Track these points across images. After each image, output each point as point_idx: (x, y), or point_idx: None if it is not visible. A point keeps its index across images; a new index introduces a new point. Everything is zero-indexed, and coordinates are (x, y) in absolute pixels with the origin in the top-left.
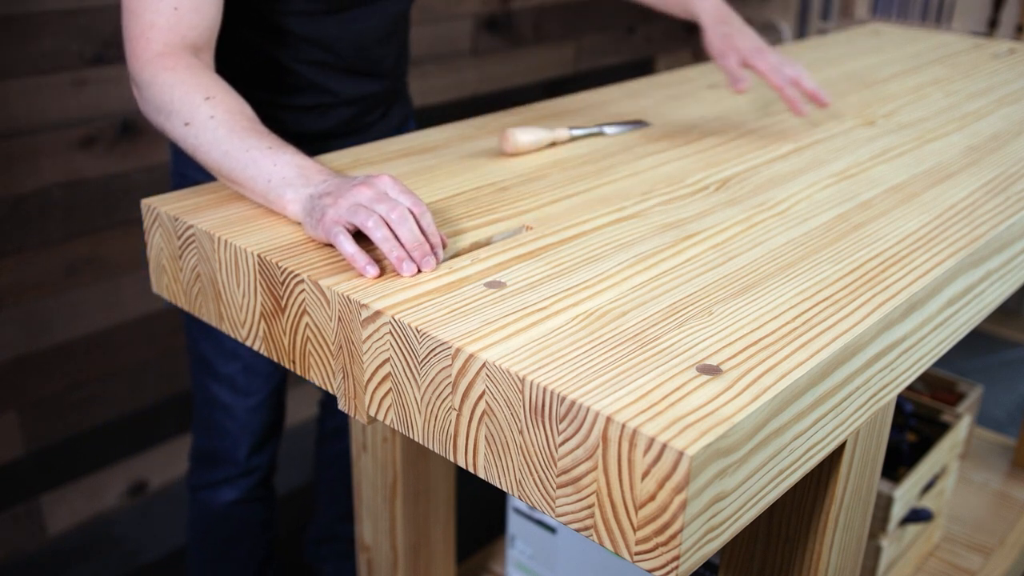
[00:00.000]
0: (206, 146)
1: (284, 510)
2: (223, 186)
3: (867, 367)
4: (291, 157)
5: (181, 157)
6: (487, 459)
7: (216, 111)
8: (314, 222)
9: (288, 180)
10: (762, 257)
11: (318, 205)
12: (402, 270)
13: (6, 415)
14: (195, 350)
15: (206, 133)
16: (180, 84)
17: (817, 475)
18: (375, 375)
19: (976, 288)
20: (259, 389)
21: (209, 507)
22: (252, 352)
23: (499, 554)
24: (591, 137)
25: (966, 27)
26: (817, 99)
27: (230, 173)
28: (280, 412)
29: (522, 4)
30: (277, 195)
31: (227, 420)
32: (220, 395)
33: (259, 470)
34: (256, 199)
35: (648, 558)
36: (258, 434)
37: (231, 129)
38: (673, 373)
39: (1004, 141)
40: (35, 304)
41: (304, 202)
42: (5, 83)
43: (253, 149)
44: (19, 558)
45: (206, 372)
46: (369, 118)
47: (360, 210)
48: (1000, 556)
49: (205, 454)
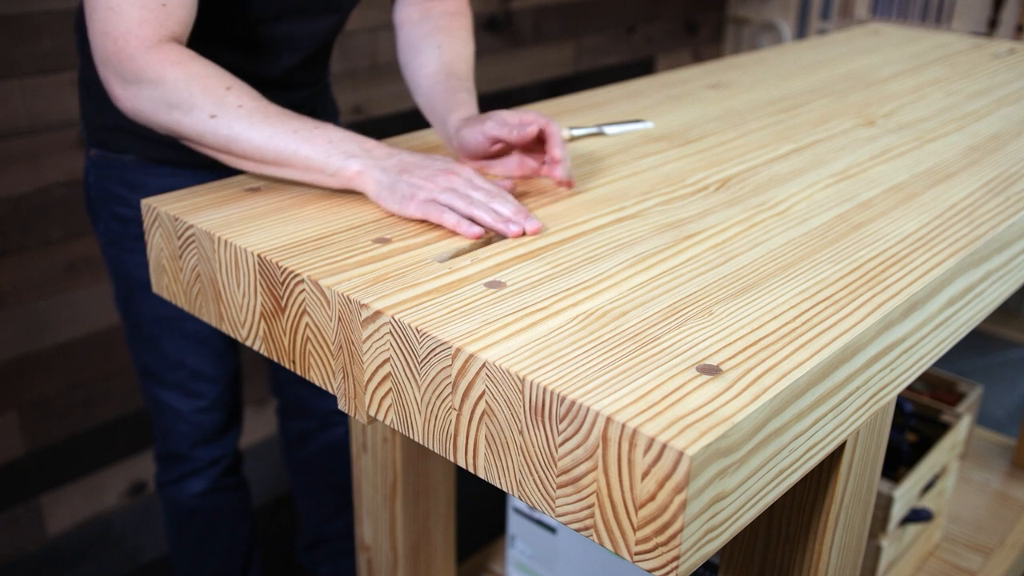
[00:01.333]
0: (243, 134)
1: (275, 515)
2: (223, 186)
3: (867, 367)
4: (345, 134)
5: (103, 170)
6: (487, 459)
7: (242, 100)
8: (401, 199)
9: (351, 152)
10: (762, 257)
11: (403, 182)
12: (509, 232)
13: (6, 415)
14: (139, 362)
15: (239, 122)
16: (197, 78)
17: (817, 475)
18: (375, 375)
19: (976, 288)
20: (208, 392)
21: (179, 501)
22: (197, 358)
23: (499, 554)
24: (591, 137)
25: (966, 27)
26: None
27: (279, 156)
28: (236, 408)
29: (522, 4)
30: (340, 167)
31: (180, 424)
32: (171, 401)
33: (223, 460)
34: (307, 177)
35: (648, 558)
36: (213, 432)
37: (265, 115)
38: (673, 373)
39: (1004, 141)
40: (35, 304)
41: (379, 175)
42: (5, 83)
43: (300, 131)
44: (19, 558)
45: (153, 382)
46: None
47: (455, 195)
48: (1000, 556)
49: (167, 454)
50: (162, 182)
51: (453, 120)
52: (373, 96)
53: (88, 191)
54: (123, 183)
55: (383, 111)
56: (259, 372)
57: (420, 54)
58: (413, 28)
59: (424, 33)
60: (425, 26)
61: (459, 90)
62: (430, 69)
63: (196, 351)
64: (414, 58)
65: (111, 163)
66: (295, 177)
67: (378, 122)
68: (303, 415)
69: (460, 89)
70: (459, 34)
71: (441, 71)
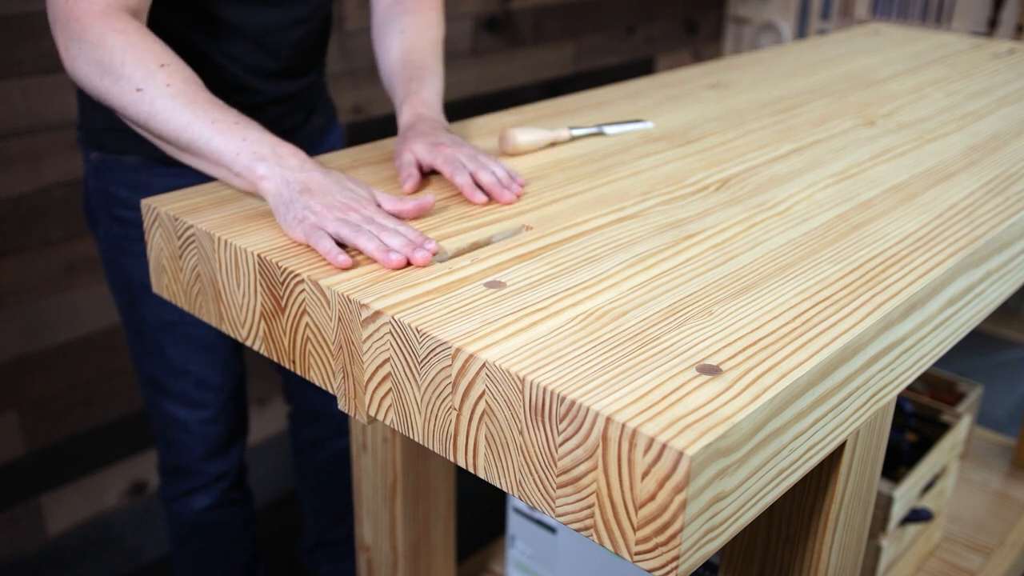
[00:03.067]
0: (163, 114)
1: (277, 515)
2: (223, 186)
3: (867, 367)
4: (261, 134)
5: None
6: (487, 459)
7: (172, 80)
8: (292, 220)
9: (261, 155)
10: (762, 257)
11: (300, 203)
12: (389, 262)
13: (6, 415)
14: (143, 371)
15: (163, 101)
16: (132, 48)
17: (817, 475)
18: (375, 375)
19: (976, 288)
20: (213, 401)
21: (183, 517)
22: (201, 366)
23: (499, 554)
24: (591, 137)
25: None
26: (493, 192)
27: (190, 144)
28: (240, 418)
29: (522, 4)
30: (247, 168)
31: (184, 435)
32: (174, 411)
33: (228, 475)
34: (216, 172)
35: (648, 558)
36: (218, 444)
37: (191, 100)
38: (673, 373)
39: (1004, 141)
40: (35, 304)
41: (280, 186)
42: (5, 83)
43: (219, 122)
44: (19, 558)
45: (156, 391)
46: (291, 120)
47: (344, 224)
48: (1000, 556)
49: (170, 468)
50: (165, 183)
51: (402, 116)
52: (373, 96)
53: (88, 196)
54: (124, 184)
55: (383, 111)
56: (260, 371)
57: (385, 38)
58: (384, 10)
59: (391, 16)
60: (394, 8)
61: (412, 79)
62: (392, 55)
63: (200, 357)
64: (380, 43)
65: (111, 165)
66: (206, 170)
67: (378, 122)
68: (317, 422)
69: (414, 78)
70: (426, 15)
71: (401, 58)
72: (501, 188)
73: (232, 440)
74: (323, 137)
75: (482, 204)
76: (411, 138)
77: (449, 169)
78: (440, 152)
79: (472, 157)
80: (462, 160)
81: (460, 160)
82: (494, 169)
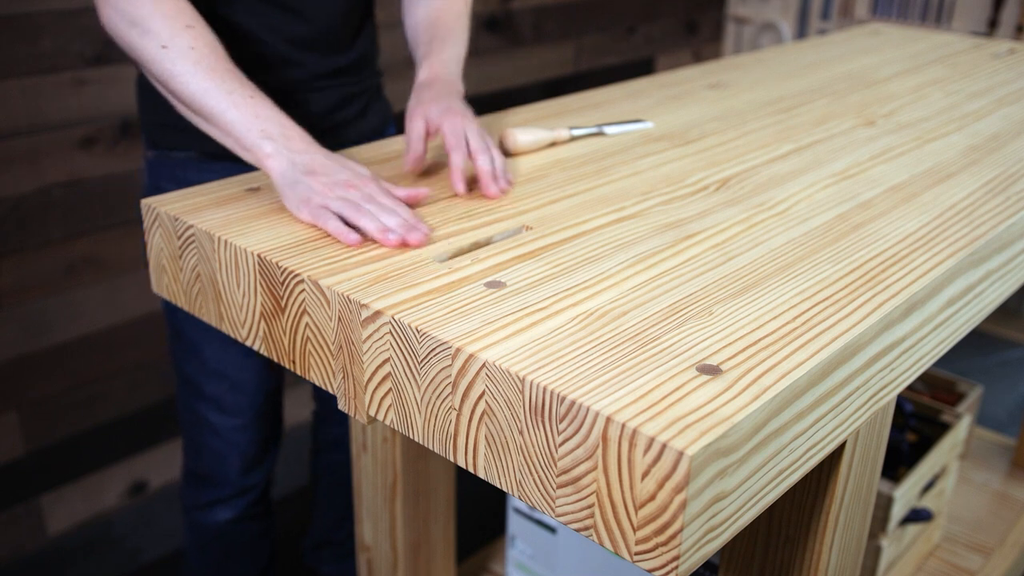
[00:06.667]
0: (183, 76)
1: (284, 512)
2: (223, 186)
3: (867, 367)
4: (274, 113)
5: (157, 170)
6: (487, 459)
7: (197, 43)
8: (297, 201)
9: (269, 133)
10: (762, 257)
11: (304, 184)
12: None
13: (6, 415)
14: (180, 371)
15: (184, 63)
16: (162, 4)
17: (817, 475)
18: (375, 375)
19: (976, 288)
20: (247, 408)
21: (204, 527)
22: (238, 371)
23: (499, 554)
24: (591, 137)
25: (966, 27)
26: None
27: (204, 109)
28: (274, 429)
29: (522, 4)
30: (255, 144)
31: (216, 441)
32: (208, 416)
33: (254, 489)
34: (225, 141)
35: (648, 558)
36: (250, 454)
37: (211, 67)
38: (673, 373)
39: (1004, 141)
40: (35, 304)
41: (286, 167)
42: (5, 83)
43: (235, 93)
44: (19, 558)
45: (192, 393)
46: (345, 113)
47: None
48: (1000, 556)
49: (196, 475)
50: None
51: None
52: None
53: (142, 195)
54: (175, 181)
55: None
56: None
57: (413, 4)
58: None
59: None
60: None
61: (436, 38)
62: (420, 13)
63: (237, 361)
64: (408, 9)
65: (164, 162)
66: (217, 137)
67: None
68: (342, 422)
69: (436, 37)
70: None
71: (427, 17)
72: (491, 179)
73: (262, 455)
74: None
75: (461, 194)
76: (426, 101)
77: (452, 142)
78: (450, 120)
79: (479, 136)
80: (468, 137)
81: (465, 137)
82: (493, 155)
